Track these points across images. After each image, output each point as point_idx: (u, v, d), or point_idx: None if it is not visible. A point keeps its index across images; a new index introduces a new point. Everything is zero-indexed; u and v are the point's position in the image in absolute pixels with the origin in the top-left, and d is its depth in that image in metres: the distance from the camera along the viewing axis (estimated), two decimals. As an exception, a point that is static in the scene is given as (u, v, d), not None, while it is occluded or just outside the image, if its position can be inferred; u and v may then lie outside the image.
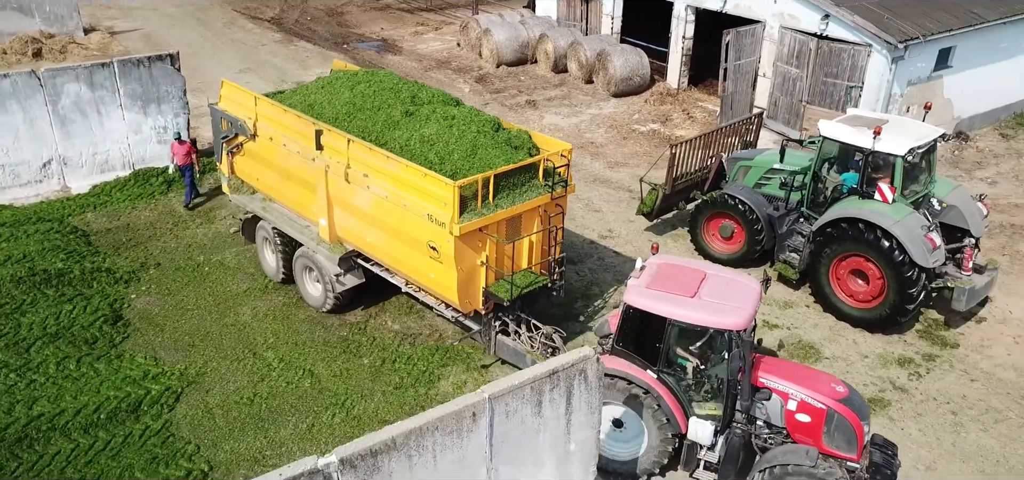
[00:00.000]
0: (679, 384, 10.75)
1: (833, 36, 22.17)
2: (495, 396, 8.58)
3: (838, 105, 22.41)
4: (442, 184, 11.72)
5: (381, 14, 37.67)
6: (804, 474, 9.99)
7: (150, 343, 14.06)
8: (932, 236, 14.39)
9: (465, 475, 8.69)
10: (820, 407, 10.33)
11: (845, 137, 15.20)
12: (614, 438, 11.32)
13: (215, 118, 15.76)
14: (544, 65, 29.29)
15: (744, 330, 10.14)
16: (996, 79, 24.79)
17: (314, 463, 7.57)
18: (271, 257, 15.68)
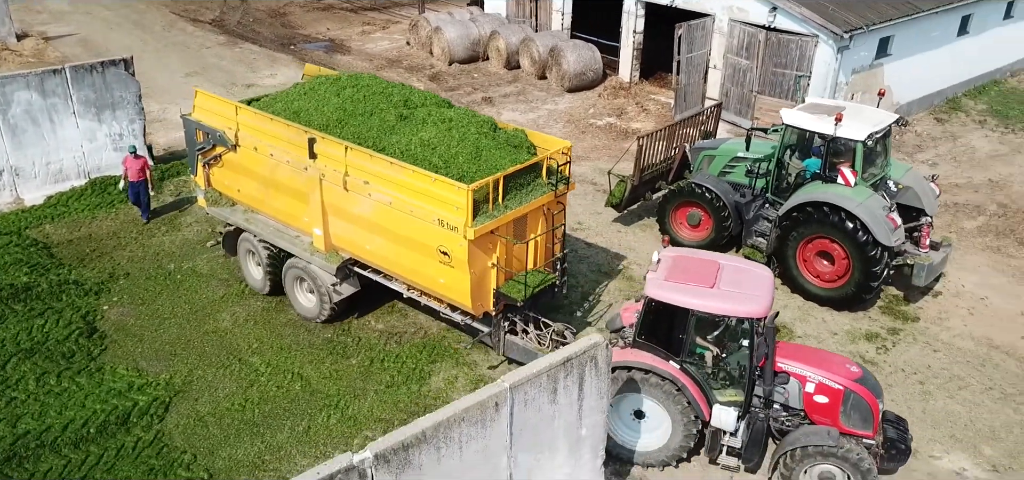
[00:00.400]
0: (701, 373, 11.03)
1: (781, 28, 22.98)
2: (515, 385, 8.77)
3: (788, 94, 23.24)
4: (455, 189, 11.58)
5: (325, 14, 37.26)
6: (827, 453, 10.39)
7: (130, 354, 13.76)
8: (893, 216, 15.13)
9: (488, 465, 8.87)
10: (837, 388, 10.78)
11: (807, 124, 15.82)
12: (636, 429, 11.54)
13: (189, 129, 15.12)
14: (496, 62, 29.48)
15: (765, 317, 10.50)
16: (930, 66, 26.05)
17: (350, 460, 7.63)
18: (256, 270, 15.30)
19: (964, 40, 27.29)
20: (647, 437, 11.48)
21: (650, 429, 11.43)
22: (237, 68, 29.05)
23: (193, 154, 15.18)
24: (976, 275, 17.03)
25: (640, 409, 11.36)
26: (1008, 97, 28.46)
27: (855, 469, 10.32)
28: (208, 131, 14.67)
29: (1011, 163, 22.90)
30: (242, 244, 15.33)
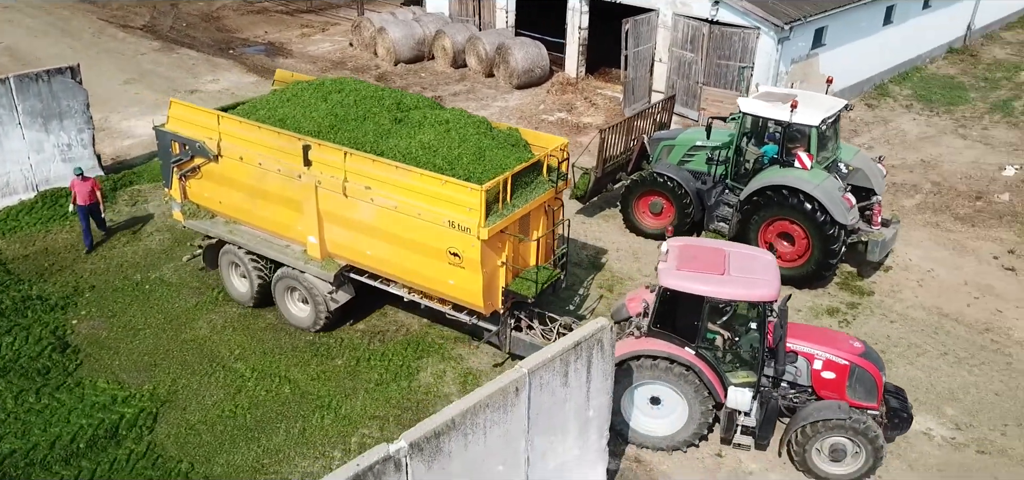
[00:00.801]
0: (715, 357, 11.43)
1: (724, 21, 23.79)
2: (533, 370, 9.03)
3: (732, 85, 24.08)
4: (467, 190, 11.54)
5: (260, 18, 36.64)
6: (839, 426, 10.92)
7: (108, 367, 13.46)
8: (848, 196, 15.96)
9: (509, 449, 9.11)
10: (843, 363, 11.34)
11: (764, 112, 16.51)
12: (653, 415, 11.88)
13: (163, 141, 14.51)
14: (442, 61, 29.58)
15: (776, 299, 10.95)
16: (859, 55, 27.34)
17: (386, 451, 7.76)
18: (241, 282, 14.94)
19: (889, 29, 28.73)
20: (664, 422, 11.81)
21: (666, 415, 11.77)
22: (177, 74, 28.36)
23: (168, 167, 14.59)
24: (920, 249, 18.07)
25: (656, 396, 11.68)
26: (929, 82, 30.09)
27: (865, 439, 10.89)
28: (186, 142, 14.13)
29: (939, 144, 24.27)
30: (224, 257, 14.87)
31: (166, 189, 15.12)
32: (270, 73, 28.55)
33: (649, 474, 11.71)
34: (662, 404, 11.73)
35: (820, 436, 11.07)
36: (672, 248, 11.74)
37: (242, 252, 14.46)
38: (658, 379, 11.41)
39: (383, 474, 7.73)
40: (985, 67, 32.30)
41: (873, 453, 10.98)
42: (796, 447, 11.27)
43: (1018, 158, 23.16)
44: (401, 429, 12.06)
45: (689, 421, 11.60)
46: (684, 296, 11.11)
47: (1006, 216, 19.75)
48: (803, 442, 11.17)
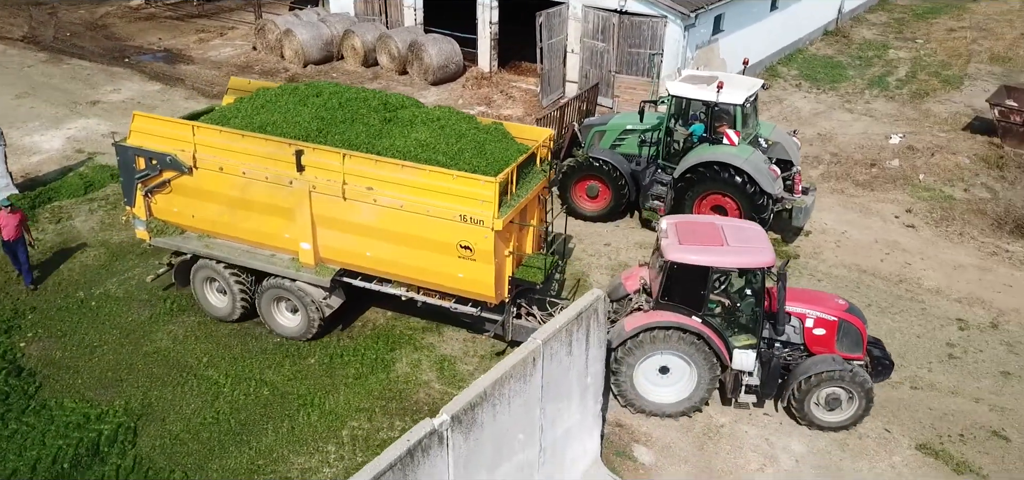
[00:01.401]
0: (719, 324, 12.18)
1: (632, 11, 24.92)
2: (546, 340, 9.54)
3: (643, 72, 25.28)
4: (482, 183, 11.75)
5: (150, 24, 35.26)
6: (835, 377, 11.89)
7: (70, 386, 12.99)
8: (773, 168, 17.26)
9: (527, 417, 9.61)
10: (832, 320, 12.31)
11: (693, 93, 17.60)
12: (662, 384, 12.53)
13: (125, 157, 13.72)
14: (353, 61, 29.48)
15: (773, 265, 11.78)
16: (752, 39, 29.19)
17: (431, 425, 8.11)
18: (219, 298, 14.49)
19: (775, 14, 30.79)
20: (672, 390, 12.52)
21: (674, 383, 12.48)
22: (73, 86, 27.02)
23: (131, 183, 13.87)
24: (832, 214, 19.68)
25: (665, 365, 12.37)
26: (811, 62, 32.42)
27: (858, 386, 11.94)
28: (154, 156, 13.48)
29: (830, 119, 26.30)
30: (198, 273, 14.31)
31: (128, 207, 14.31)
32: (174, 80, 27.77)
33: (631, 436, 12.43)
34: (671, 373, 12.43)
35: (817, 388, 12.03)
36: (670, 225, 12.45)
37: (221, 267, 13.95)
38: (668, 349, 12.08)
39: (429, 447, 8.07)
40: (857, 47, 35.06)
41: (865, 399, 12.05)
42: (795, 401, 12.20)
43: (900, 127, 25.42)
44: (389, 419, 12.46)
45: (698, 387, 12.33)
46: (691, 269, 11.80)
47: (898, 179, 21.73)
48: (802, 396, 12.11)
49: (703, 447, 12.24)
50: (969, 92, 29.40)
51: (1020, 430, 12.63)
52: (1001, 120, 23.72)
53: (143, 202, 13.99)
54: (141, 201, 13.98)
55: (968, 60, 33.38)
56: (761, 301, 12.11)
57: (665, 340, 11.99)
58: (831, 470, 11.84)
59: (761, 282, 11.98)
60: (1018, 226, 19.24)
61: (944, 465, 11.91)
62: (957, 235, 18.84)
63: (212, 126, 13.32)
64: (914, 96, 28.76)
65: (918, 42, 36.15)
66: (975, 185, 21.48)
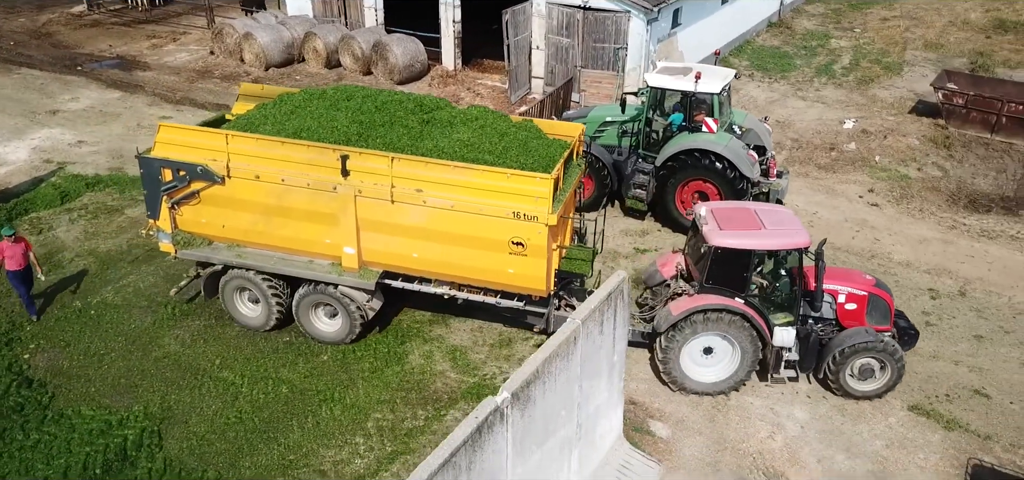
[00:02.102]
0: (761, 303, 12.75)
1: (596, 7, 25.56)
2: (584, 319, 9.99)
3: (609, 66, 25.95)
4: (536, 180, 11.98)
5: (97, 31, 34.40)
6: (868, 347, 12.59)
7: (85, 394, 12.89)
8: (751, 153, 18.06)
9: (568, 393, 10.04)
10: (862, 295, 13.01)
11: (671, 84, 18.28)
12: (707, 364, 13.08)
13: (151, 169, 13.36)
14: (315, 63, 29.41)
15: (810, 244, 12.39)
16: (706, 31, 30.20)
17: (494, 403, 8.47)
18: (252, 307, 14.34)
19: (725, 7, 31.91)
20: (716, 369, 13.10)
21: (718, 362, 13.06)
22: (28, 96, 26.25)
23: (156, 195, 13.51)
24: (802, 196, 20.64)
25: (709, 346, 12.93)
26: (760, 53, 33.65)
27: (889, 356, 12.67)
28: (183, 167, 13.18)
29: (785, 106, 27.43)
30: (230, 283, 14.08)
31: (151, 220, 13.93)
32: (133, 87, 27.30)
33: (646, 412, 12.99)
34: (714, 353, 13.01)
35: (851, 360, 12.72)
36: (707, 213, 13.01)
37: (255, 276, 13.82)
38: (713, 330, 12.65)
39: (493, 424, 8.44)
40: (801, 37, 36.49)
41: (896, 368, 12.80)
42: (831, 373, 12.89)
43: (851, 112, 26.70)
44: (411, 408, 12.77)
45: (741, 365, 12.91)
46: (732, 252, 12.38)
47: (857, 161, 22.89)
48: (837, 368, 12.80)
49: (714, 420, 12.87)
50: (909, 77, 30.99)
51: (998, 388, 13.63)
52: (945, 103, 25.15)
53: (168, 215, 13.65)
54: (166, 214, 13.64)
55: (904, 47, 35.09)
56: (800, 279, 12.73)
57: (711, 322, 12.57)
58: (834, 433, 12.60)
59: (799, 262, 12.61)
60: (971, 201, 20.56)
61: (936, 423, 12.80)
62: (918, 211, 20.01)
63: (248, 134, 13.14)
64: (860, 82, 30.16)
65: (856, 31, 37.79)
66: (927, 165, 22.77)
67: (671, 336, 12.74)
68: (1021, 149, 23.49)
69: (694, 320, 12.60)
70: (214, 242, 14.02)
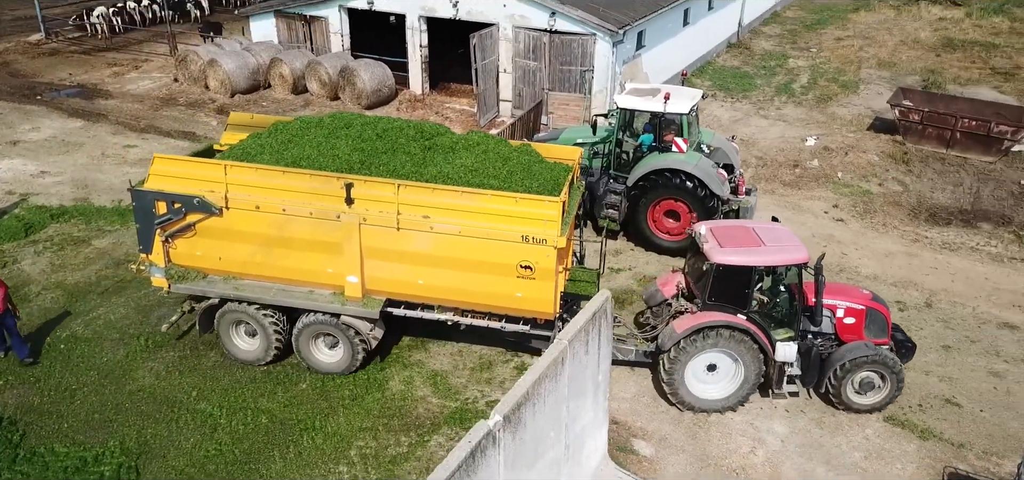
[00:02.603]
0: (763, 319, 12.86)
1: (562, 30, 25.86)
2: (570, 340, 10.05)
3: (576, 88, 26.22)
4: (545, 203, 12.07)
5: (57, 59, 33.80)
6: (868, 360, 12.77)
7: (57, 431, 12.58)
8: (721, 171, 18.37)
9: (556, 414, 10.08)
10: (860, 309, 13.20)
11: (640, 105, 18.54)
12: (710, 382, 13.14)
13: (144, 202, 12.96)
14: (281, 89, 29.24)
15: (809, 261, 12.55)
16: (669, 53, 30.74)
17: (487, 427, 8.47)
18: (248, 341, 14.08)
19: (687, 29, 32.51)
20: (720, 386, 13.18)
21: (721, 379, 13.15)
22: (-16, 125, 25.74)
23: (149, 229, 13.12)
24: (768, 213, 20.96)
25: (713, 363, 13.03)
26: (721, 73, 34.29)
27: (889, 369, 12.88)
28: (178, 199, 12.85)
29: (748, 124, 27.95)
30: (225, 317, 13.76)
31: (144, 255, 13.47)
32: (95, 116, 26.88)
33: (629, 431, 13.07)
34: (718, 369, 13.11)
35: (852, 373, 12.91)
36: (707, 231, 13.18)
37: (253, 308, 13.54)
38: (716, 347, 12.76)
39: (486, 448, 8.44)
40: (759, 57, 37.28)
41: (896, 381, 13.01)
42: (833, 387, 13.06)
43: (812, 130, 27.30)
44: (394, 435, 12.71)
45: (745, 381, 13.02)
46: (734, 269, 12.52)
47: (820, 178, 23.40)
48: (838, 382, 12.98)
49: (696, 436, 13.00)
50: (865, 95, 31.83)
51: (968, 396, 13.98)
52: (902, 119, 25.86)
53: (161, 248, 13.29)
54: (159, 247, 13.28)
55: (859, 66, 36.04)
56: (799, 295, 12.92)
57: (714, 338, 12.70)
58: (813, 446, 12.80)
59: (799, 277, 12.80)
60: (931, 214, 21.13)
61: (911, 433, 13.08)
62: (881, 225, 20.49)
63: (247, 164, 12.95)
64: (819, 101, 30.88)
65: (812, 51, 38.73)
66: (888, 180, 23.36)
67: (676, 354, 12.85)
68: (975, 163, 24.23)
69: (698, 337, 12.74)
70: (209, 275, 13.71)
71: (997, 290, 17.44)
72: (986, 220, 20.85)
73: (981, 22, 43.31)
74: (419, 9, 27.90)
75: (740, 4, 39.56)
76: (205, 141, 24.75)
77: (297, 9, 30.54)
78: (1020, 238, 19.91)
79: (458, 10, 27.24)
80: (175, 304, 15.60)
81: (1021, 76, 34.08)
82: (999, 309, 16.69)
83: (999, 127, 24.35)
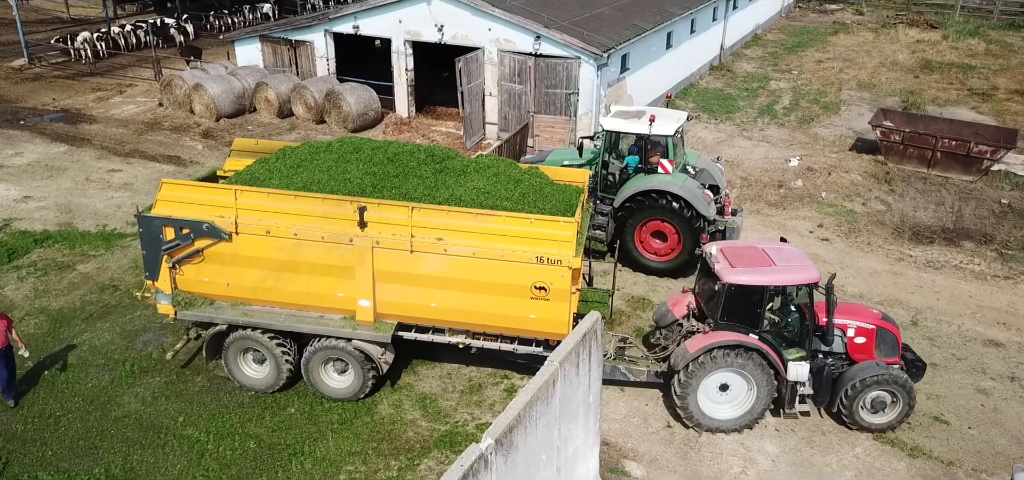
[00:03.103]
0: (774, 339, 12.88)
1: (547, 54, 26.01)
2: (561, 362, 10.03)
3: (561, 111, 26.36)
4: (561, 224, 12.20)
5: (40, 85, 33.57)
6: (880, 380, 12.81)
7: (41, 459, 12.41)
8: (707, 192, 18.49)
9: (548, 437, 10.03)
10: (871, 328, 13.23)
11: (626, 127, 18.66)
12: (722, 401, 13.13)
13: (152, 228, 12.82)
14: (267, 113, 29.20)
15: (819, 280, 12.58)
16: (653, 75, 30.99)
17: (479, 450, 8.41)
18: (257, 368, 13.94)
19: (670, 52, 32.81)
20: (732, 406, 13.19)
21: (734, 399, 13.15)
22: (-33, 151, 25.51)
23: (156, 255, 12.97)
24: (754, 233, 21.14)
25: (725, 383, 13.02)
26: (704, 95, 34.59)
27: (901, 388, 12.93)
28: (187, 225, 12.74)
29: (733, 146, 28.17)
30: (234, 345, 13.59)
31: (149, 281, 13.29)
32: (79, 141, 26.72)
33: (619, 452, 13.04)
34: (730, 389, 13.10)
35: (864, 393, 12.94)
36: (718, 252, 13.22)
37: (263, 335, 13.41)
38: (728, 367, 12.78)
39: (478, 471, 8.38)
40: (742, 79, 37.66)
41: (908, 399, 13.04)
42: (845, 406, 13.09)
43: (795, 151, 27.56)
44: (384, 459, 12.62)
45: (757, 400, 13.03)
46: (746, 289, 12.56)
47: (805, 198, 23.60)
48: (850, 401, 13.01)
49: (686, 456, 12.99)
50: (846, 116, 32.21)
51: (956, 414, 14.07)
52: (883, 140, 26.17)
53: (168, 274, 13.12)
54: (166, 273, 13.11)
55: (840, 88, 36.50)
56: (810, 315, 12.96)
57: (726, 358, 12.72)
58: (804, 466, 12.82)
59: (810, 297, 12.85)
60: (915, 233, 21.33)
61: (900, 451, 13.13)
62: (866, 245, 20.67)
63: (258, 189, 12.89)
64: (801, 122, 31.20)
65: (793, 73, 39.19)
66: (871, 199, 23.59)
67: (687, 374, 12.86)
68: (956, 182, 24.52)
69: (710, 357, 12.76)
70: (216, 301, 13.56)
71: (981, 308, 17.61)
72: (969, 238, 21.09)
73: (957, 44, 44.05)
74: (404, 33, 28.01)
75: (722, 27, 40.03)
76: (190, 165, 24.72)
77: (282, 34, 30.60)
78: (1002, 256, 20.14)
79: (443, 34, 27.36)
80: (162, 329, 15.54)
81: (998, 97, 34.63)
82: (984, 327, 16.85)
83: (978, 147, 24.69)
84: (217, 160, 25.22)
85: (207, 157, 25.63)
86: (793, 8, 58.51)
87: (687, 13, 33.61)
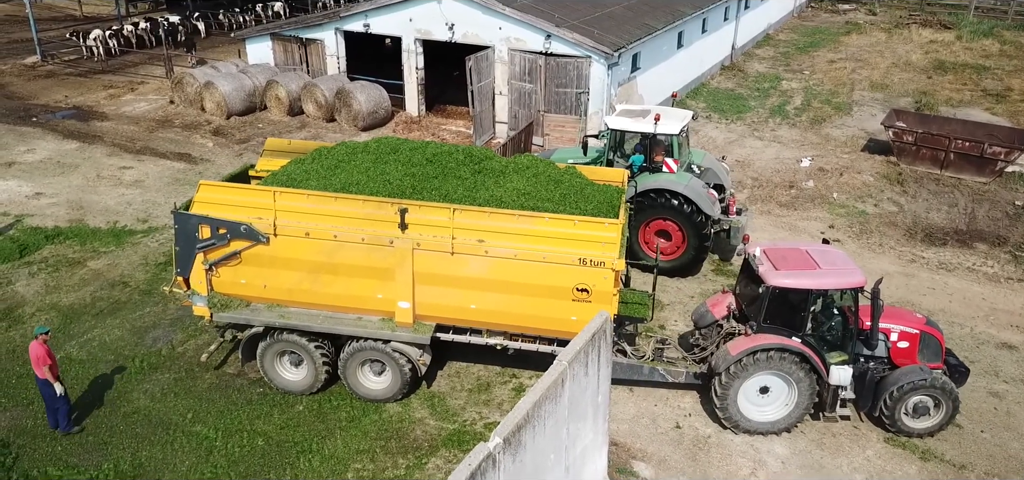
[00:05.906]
0: (817, 342, 12.77)
1: (557, 52, 25.95)
2: (570, 362, 9.99)
3: (571, 110, 26.30)
4: (605, 226, 12.12)
5: (52, 82, 33.77)
6: (924, 385, 12.67)
7: (50, 454, 12.46)
8: (711, 192, 18.39)
9: (557, 437, 9.99)
10: (914, 333, 13.08)
11: (632, 126, 18.58)
12: (763, 404, 13.06)
13: (188, 226, 12.67)
14: (277, 111, 29.25)
15: (865, 284, 12.47)
16: (664, 75, 30.88)
17: (487, 449, 8.38)
18: (294, 371, 13.86)
19: (681, 52, 32.69)
20: (772, 409, 13.10)
21: (774, 401, 13.05)
22: (-20, 148, 25.66)
23: (189, 254, 12.82)
24: (765, 232, 21.03)
25: (766, 386, 12.93)
26: (715, 95, 34.45)
27: (945, 393, 12.79)
28: (225, 225, 12.60)
29: (743, 146, 28.04)
30: (271, 347, 13.50)
31: (179, 277, 13.16)
32: (91, 138, 26.83)
33: (628, 453, 12.99)
34: (770, 392, 13.01)
35: (906, 397, 12.81)
36: (762, 254, 13.09)
37: (300, 337, 13.33)
38: (770, 369, 12.68)
39: (486, 470, 8.35)
40: (753, 79, 37.48)
41: (952, 405, 12.91)
42: (887, 411, 12.95)
43: (807, 151, 27.41)
44: (392, 457, 12.60)
45: (798, 404, 12.91)
46: (790, 292, 12.45)
47: (816, 199, 23.46)
48: (892, 406, 12.88)
49: (696, 458, 12.93)
50: (859, 116, 32.01)
51: (969, 417, 13.93)
52: (896, 141, 25.99)
53: (204, 276, 12.96)
54: (202, 275, 12.95)
55: (852, 88, 36.27)
56: (854, 319, 12.82)
57: (768, 361, 12.61)
58: (814, 468, 12.73)
59: (854, 301, 12.71)
60: (927, 235, 21.17)
61: (911, 454, 13.02)
62: (878, 246, 20.53)
63: (297, 190, 12.79)
64: (813, 122, 31.02)
65: (805, 73, 38.98)
66: (883, 201, 23.43)
67: (728, 377, 12.77)
68: (970, 184, 24.33)
69: (753, 359, 12.65)
70: (252, 303, 13.44)
71: (994, 310, 17.46)
72: (982, 240, 20.92)
73: (971, 45, 43.72)
74: (415, 32, 28.01)
75: (733, 27, 39.86)
76: (201, 163, 24.79)
77: (293, 32, 30.66)
78: (1016, 258, 19.97)
79: (454, 33, 27.35)
80: (172, 325, 15.59)
81: (1012, 98, 34.35)
82: (997, 329, 16.70)
83: (992, 148, 24.49)
84: (227, 157, 25.32)
85: (217, 155, 25.70)
86: (805, 8, 58.26)
87: (698, 13, 33.50)
